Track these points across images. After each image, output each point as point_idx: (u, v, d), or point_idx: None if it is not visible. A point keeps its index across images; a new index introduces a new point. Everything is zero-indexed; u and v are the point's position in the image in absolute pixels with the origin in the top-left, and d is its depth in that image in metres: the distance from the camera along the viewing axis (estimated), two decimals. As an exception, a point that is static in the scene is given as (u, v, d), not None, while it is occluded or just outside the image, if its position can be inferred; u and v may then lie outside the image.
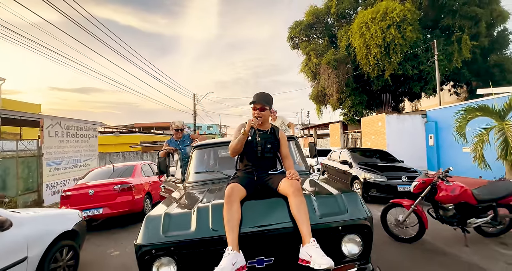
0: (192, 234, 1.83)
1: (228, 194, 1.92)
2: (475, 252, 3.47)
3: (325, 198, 2.07)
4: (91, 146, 10.29)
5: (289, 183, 2.00)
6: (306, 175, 3.01)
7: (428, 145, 11.78)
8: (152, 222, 1.93)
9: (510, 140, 6.26)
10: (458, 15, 13.45)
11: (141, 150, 19.59)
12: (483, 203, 3.70)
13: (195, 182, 2.99)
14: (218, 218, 1.88)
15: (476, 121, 7.34)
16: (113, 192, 5.59)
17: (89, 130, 10.17)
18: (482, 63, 16.00)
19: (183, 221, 1.93)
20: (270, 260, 1.84)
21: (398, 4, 13.06)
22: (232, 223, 1.79)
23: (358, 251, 1.92)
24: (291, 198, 1.91)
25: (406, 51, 13.41)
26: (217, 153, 3.61)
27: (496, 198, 3.67)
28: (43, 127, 7.79)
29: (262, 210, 2.00)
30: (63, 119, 8.79)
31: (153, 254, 1.79)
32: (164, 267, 1.81)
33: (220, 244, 1.77)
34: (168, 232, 1.85)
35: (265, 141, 2.28)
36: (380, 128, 12.42)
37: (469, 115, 7.22)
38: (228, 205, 1.86)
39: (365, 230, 1.92)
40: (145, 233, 1.87)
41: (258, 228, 1.86)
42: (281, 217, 1.91)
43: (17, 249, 2.65)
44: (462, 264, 3.17)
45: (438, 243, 3.86)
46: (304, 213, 1.82)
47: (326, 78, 16.09)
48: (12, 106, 23.29)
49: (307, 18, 17.55)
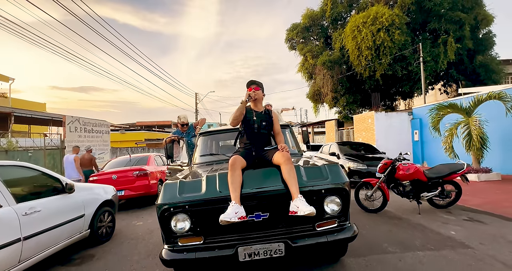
0: (203, 195, 2.20)
1: (231, 163, 2.32)
2: (423, 217, 4.46)
3: (311, 168, 2.47)
4: (104, 140, 11.28)
5: (281, 154, 2.39)
6: (299, 156, 3.42)
7: (413, 139, 12.78)
8: (170, 186, 2.31)
9: (473, 133, 7.26)
10: (444, 20, 14.40)
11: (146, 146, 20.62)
12: (432, 180, 4.68)
13: (201, 163, 3.41)
14: (223, 183, 2.25)
15: (449, 117, 8.35)
16: (132, 177, 6.59)
17: (102, 126, 11.15)
18: (469, 63, 16.94)
19: (195, 185, 2.30)
20: (265, 215, 2.21)
21: (387, 9, 14.01)
22: (235, 184, 2.17)
23: (337, 209, 2.28)
24: (283, 165, 2.29)
25: (395, 53, 14.37)
26: (220, 140, 4.05)
27: (441, 176, 4.65)
28: (65, 124, 8.78)
29: (259, 176, 2.40)
30: (81, 118, 9.78)
31: (171, 211, 2.16)
32: (180, 222, 2.18)
33: (225, 202, 2.13)
34: (183, 194, 2.22)
35: (261, 120, 2.72)
36: (370, 125, 13.41)
37: (441, 112, 8.21)
38: (232, 171, 2.25)
39: (343, 192, 2.28)
40: (164, 195, 2.24)
41: (256, 190, 2.24)
42: (274, 181, 2.29)
43: (78, 208, 3.65)
44: (410, 224, 4.16)
45: (397, 212, 4.85)
46: (293, 177, 2.20)
47: (321, 78, 17.08)
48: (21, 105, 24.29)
49: (304, 21, 18.50)
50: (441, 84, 19.27)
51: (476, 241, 3.33)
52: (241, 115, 2.65)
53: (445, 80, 18.20)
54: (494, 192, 6.06)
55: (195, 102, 25.99)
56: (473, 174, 7.45)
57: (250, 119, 2.69)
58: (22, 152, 7.65)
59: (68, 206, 3.46)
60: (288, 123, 4.08)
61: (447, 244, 3.26)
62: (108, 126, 11.82)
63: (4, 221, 2.58)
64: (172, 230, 2.17)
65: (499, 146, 8.35)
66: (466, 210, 4.79)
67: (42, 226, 2.96)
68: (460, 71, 17.18)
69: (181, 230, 2.17)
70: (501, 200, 5.25)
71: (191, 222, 2.16)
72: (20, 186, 3.04)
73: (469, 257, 2.90)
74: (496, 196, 5.62)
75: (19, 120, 18.73)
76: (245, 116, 2.69)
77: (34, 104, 28.53)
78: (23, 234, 2.71)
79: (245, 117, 2.69)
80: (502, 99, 7.18)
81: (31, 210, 2.87)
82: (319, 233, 2.24)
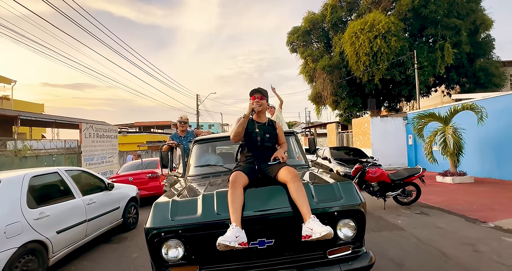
0: (199, 218, 2.05)
1: (232, 180, 2.18)
2: (385, 212, 5.92)
3: (322, 186, 2.32)
4: (113, 145, 12.89)
5: (287, 171, 2.27)
6: (306, 168, 3.24)
7: (408, 144, 14.20)
8: (161, 207, 2.16)
9: (448, 141, 8.71)
10: (440, 26, 15.77)
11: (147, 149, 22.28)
12: (394, 181, 6.15)
13: (196, 175, 3.25)
14: (222, 204, 2.10)
15: (431, 125, 9.80)
16: (146, 179, 8.15)
17: (111, 131, 12.76)
18: (469, 67, 18.26)
19: (189, 206, 2.14)
20: (270, 242, 2.05)
21: (384, 17, 15.42)
22: (235, 204, 2.03)
23: (352, 234, 2.14)
24: (290, 183, 2.16)
25: (392, 58, 15.78)
26: (217, 148, 4.01)
27: (402, 178, 6.11)
28: (81, 130, 10.38)
29: (263, 196, 2.25)
30: (93, 124, 11.38)
31: (162, 236, 1.99)
32: (172, 249, 2.02)
33: (224, 227, 1.96)
34: (176, 216, 2.06)
35: (264, 132, 2.60)
36: (366, 129, 14.85)
37: (423, 120, 9.67)
38: (232, 189, 2.12)
39: (359, 215, 2.15)
40: (154, 217, 2.08)
41: (259, 212, 2.08)
42: (281, 202, 2.15)
43: (115, 201, 5.19)
44: (372, 216, 5.62)
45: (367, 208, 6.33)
46: (302, 196, 2.06)
47: (321, 82, 18.55)
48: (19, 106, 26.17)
49: (305, 24, 19.97)
50: (444, 86, 20.62)
51: (411, 226, 4.80)
52: (243, 131, 2.56)
53: (446, 83, 19.54)
54: (458, 192, 7.48)
55: (196, 104, 27.60)
56: (449, 176, 8.88)
57: (252, 131, 2.59)
58: (48, 157, 9.26)
59: (110, 200, 5.01)
60: (292, 130, 3.97)
61: (388, 228, 4.74)
62: (116, 131, 13.43)
63: (78, 208, 4.12)
64: (163, 258, 2.04)
65: (476, 151, 9.76)
66: (423, 207, 6.24)
67: (97, 213, 4.50)
68: (460, 74, 18.51)
69: (173, 258, 2.04)
70: (457, 199, 6.68)
71: (185, 249, 2.03)
72: (82, 184, 4.57)
73: (398, 235, 4.38)
74: (456, 196, 7.05)
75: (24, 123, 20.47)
76: (246, 128, 2.59)
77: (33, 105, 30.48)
78: (87, 217, 4.25)
79: (247, 129, 2.59)
80: (474, 110, 8.59)
81: (91, 201, 4.42)
82: (331, 261, 2.11)
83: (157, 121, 49.32)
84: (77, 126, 26.17)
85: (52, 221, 3.58)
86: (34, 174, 3.72)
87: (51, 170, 4.13)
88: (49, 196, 3.86)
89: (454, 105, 9.31)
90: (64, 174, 4.23)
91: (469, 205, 6.10)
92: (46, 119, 20.89)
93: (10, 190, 3.26)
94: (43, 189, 3.82)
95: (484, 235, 4.30)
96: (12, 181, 3.38)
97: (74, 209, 4.04)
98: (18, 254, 3.05)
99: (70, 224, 3.85)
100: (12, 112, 18.06)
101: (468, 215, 5.35)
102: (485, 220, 4.96)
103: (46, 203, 3.67)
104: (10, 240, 2.99)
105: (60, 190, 4.07)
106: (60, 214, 3.75)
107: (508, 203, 6.03)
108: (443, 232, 4.51)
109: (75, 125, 24.31)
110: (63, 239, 3.69)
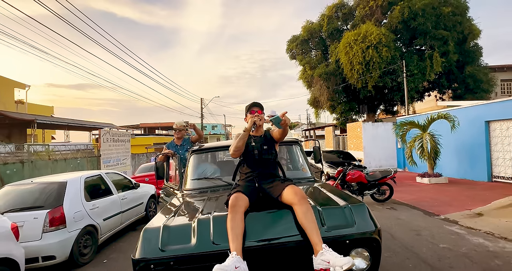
0: (192, 248, 1.86)
1: (232, 204, 2.01)
2: (362, 207, 7.10)
3: (332, 210, 2.13)
4: (126, 148, 14.17)
5: (293, 191, 2.10)
6: (312, 182, 3.01)
7: (397, 147, 15.34)
8: (151, 235, 1.97)
9: (424, 146, 9.88)
10: (429, 37, 16.89)
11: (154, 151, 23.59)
12: (370, 182, 7.33)
13: (193, 189, 3.04)
14: (219, 231, 1.92)
15: (412, 131, 10.96)
16: (160, 179, 9.40)
17: (125, 136, 14.04)
18: (459, 73, 19.37)
19: (182, 233, 1.96)
20: None
21: (376, 28, 16.57)
22: (236, 231, 1.85)
23: (366, 265, 1.96)
24: (297, 206, 1.99)
25: (383, 67, 16.92)
26: (216, 158, 3.84)
27: (376, 179, 7.29)
28: (101, 135, 11.66)
29: (266, 222, 2.06)
30: (110, 130, 12.66)
31: (152, 269, 1.83)
32: None
33: (222, 258, 1.75)
34: (167, 245, 1.88)
35: (261, 144, 2.47)
36: (359, 134, 16.01)
37: (405, 127, 10.84)
38: (232, 214, 1.95)
39: (374, 244, 1.98)
40: (143, 246, 1.91)
41: (263, 242, 1.90)
42: (288, 229, 1.96)
43: (140, 198, 6.43)
44: (350, 211, 6.81)
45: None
46: (312, 221, 1.89)
47: (319, 88, 19.73)
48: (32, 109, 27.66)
49: (303, 33, 21.14)
50: (437, 91, 21.74)
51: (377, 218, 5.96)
52: (243, 146, 2.43)
53: (437, 89, 20.67)
54: (430, 191, 8.65)
55: (200, 107, 28.88)
56: (426, 178, 10.04)
57: (249, 145, 2.48)
58: (73, 160, 10.56)
59: (136, 197, 6.25)
60: (296, 139, 3.74)
61: (359, 219, 5.92)
62: (128, 135, 14.72)
63: (115, 202, 5.37)
64: None
65: (453, 155, 10.91)
66: (395, 203, 7.42)
67: (128, 206, 5.75)
68: (451, 80, 19.65)
69: None
70: (425, 197, 7.84)
71: None
72: (116, 183, 5.81)
73: (364, 224, 5.56)
74: (426, 194, 8.21)
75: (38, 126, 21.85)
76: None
77: (43, 107, 32.10)
78: (122, 209, 5.49)
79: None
80: (448, 118, 9.74)
81: (124, 197, 5.66)
82: None
83: (162, 123, 50.58)
84: (86, 129, 27.59)
85: (100, 211, 4.82)
86: (86, 175, 4.97)
87: (96, 173, 5.39)
88: (96, 192, 5.10)
89: (431, 114, 10.47)
90: (105, 175, 5.49)
91: (432, 201, 7.27)
92: (60, 122, 22.31)
93: (75, 188, 4.50)
94: (92, 187, 5.06)
95: (431, 224, 5.49)
96: (75, 180, 4.63)
97: (113, 203, 5.29)
98: (81, 234, 4.30)
99: (111, 214, 5.10)
100: (29, 117, 19.47)
101: (428, 209, 6.53)
102: (439, 214, 6.14)
103: (95, 197, 4.92)
104: (77, 223, 4.24)
105: (103, 188, 5.32)
106: (105, 206, 5.00)
107: (465, 200, 7.19)
108: (401, 222, 5.69)
109: (84, 127, 25.75)
110: (107, 225, 4.94)
